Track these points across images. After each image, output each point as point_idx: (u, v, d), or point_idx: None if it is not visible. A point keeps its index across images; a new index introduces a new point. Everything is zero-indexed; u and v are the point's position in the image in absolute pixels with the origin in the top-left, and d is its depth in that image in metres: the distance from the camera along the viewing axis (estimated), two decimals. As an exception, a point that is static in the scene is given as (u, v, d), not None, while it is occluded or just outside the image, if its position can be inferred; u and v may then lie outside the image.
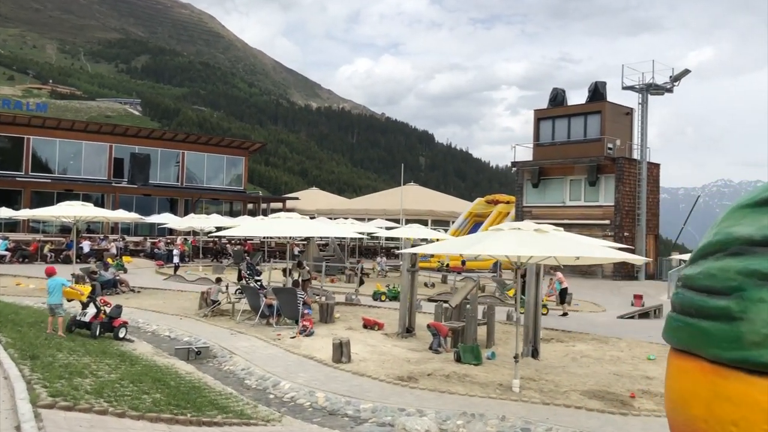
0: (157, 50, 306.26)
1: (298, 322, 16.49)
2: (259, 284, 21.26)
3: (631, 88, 38.11)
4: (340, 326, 17.41)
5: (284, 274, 21.21)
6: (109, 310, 14.03)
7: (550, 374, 13.14)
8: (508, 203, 44.87)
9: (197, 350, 13.34)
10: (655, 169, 39.65)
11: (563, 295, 23.18)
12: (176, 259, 31.01)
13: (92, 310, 13.58)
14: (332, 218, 44.70)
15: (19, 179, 44.38)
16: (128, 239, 41.73)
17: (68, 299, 14.11)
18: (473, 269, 38.21)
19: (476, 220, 46.04)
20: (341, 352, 13.36)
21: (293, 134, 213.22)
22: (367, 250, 48.60)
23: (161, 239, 41.01)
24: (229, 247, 41.25)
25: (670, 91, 38.13)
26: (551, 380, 12.59)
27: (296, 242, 42.83)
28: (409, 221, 47.22)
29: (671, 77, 38.03)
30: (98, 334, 13.19)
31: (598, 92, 38.71)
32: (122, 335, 13.79)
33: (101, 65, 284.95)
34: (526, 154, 41.68)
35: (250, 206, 55.40)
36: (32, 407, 6.48)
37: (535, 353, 14.99)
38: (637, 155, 38.47)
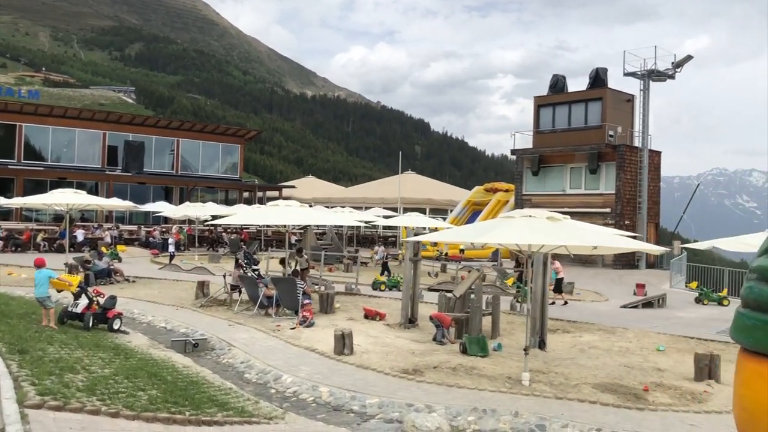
0: (150, 38, 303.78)
1: (297, 312, 16.04)
2: (256, 274, 20.78)
3: (632, 74, 37.60)
4: (340, 317, 16.97)
5: (281, 264, 20.75)
6: (102, 300, 13.51)
7: (559, 366, 12.73)
8: (507, 191, 44.42)
9: (194, 342, 12.86)
10: (656, 156, 39.22)
11: (559, 284, 22.80)
12: (171, 248, 30.49)
13: (84, 300, 13.01)
14: (329, 207, 44.26)
15: (11, 167, 43.72)
16: (123, 228, 41.14)
17: (58, 290, 13.54)
18: (472, 258, 37.81)
19: (475, 208, 45.61)
20: (343, 343, 12.93)
21: (288, 122, 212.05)
22: (364, 239, 48.14)
23: (156, 228, 40.46)
24: (225, 235, 40.73)
25: (672, 77, 37.64)
26: (561, 373, 12.18)
27: (293, 231, 42.40)
28: (407, 210, 46.73)
29: (673, 63, 37.53)
30: (91, 325, 12.67)
31: (599, 78, 38.21)
32: (117, 327, 13.27)
33: (95, 53, 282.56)
34: (525, 141, 41.22)
35: (245, 195, 54.83)
36: (18, 407, 6.01)
37: (542, 344, 14.58)
38: (638, 143, 38.02)
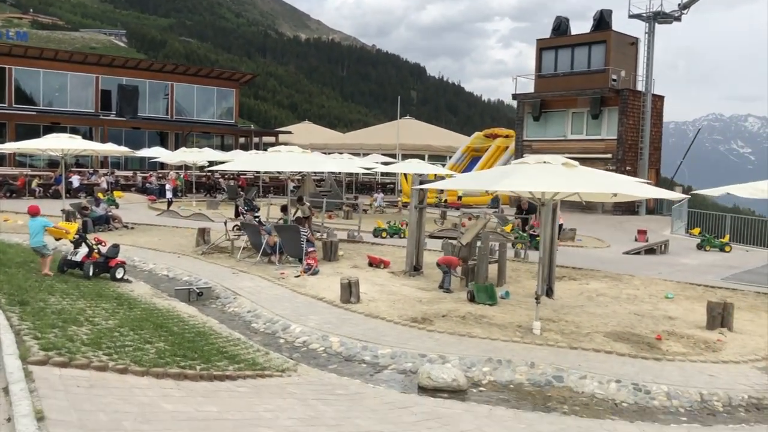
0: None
1: (301, 260, 15.76)
2: (257, 221, 20.44)
3: (637, 16, 36.69)
4: (344, 264, 16.72)
5: (283, 211, 20.39)
6: (104, 249, 13.05)
7: (569, 315, 12.55)
8: (507, 137, 43.87)
9: (199, 291, 12.58)
10: (659, 101, 38.60)
11: (558, 231, 22.55)
12: (169, 194, 30.04)
13: (83, 249, 12.49)
14: (327, 153, 43.63)
15: (2, 111, 42.78)
16: (118, 174, 40.63)
17: (56, 238, 13.07)
18: (471, 204, 37.50)
19: (474, 154, 45.11)
20: (350, 292, 12.70)
21: (282, 67, 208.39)
22: (362, 185, 47.70)
23: (152, 173, 39.92)
24: (222, 182, 40.23)
25: (678, 19, 36.72)
26: (571, 321, 12.00)
27: (291, 177, 41.85)
28: (405, 156, 46.16)
29: (680, 5, 36.56)
30: (92, 274, 12.28)
31: (603, 21, 37.26)
32: (120, 276, 12.81)
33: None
34: (526, 86, 40.51)
35: (242, 140, 54.09)
36: (22, 364, 5.71)
37: (549, 292, 14.38)
38: (641, 87, 37.35)
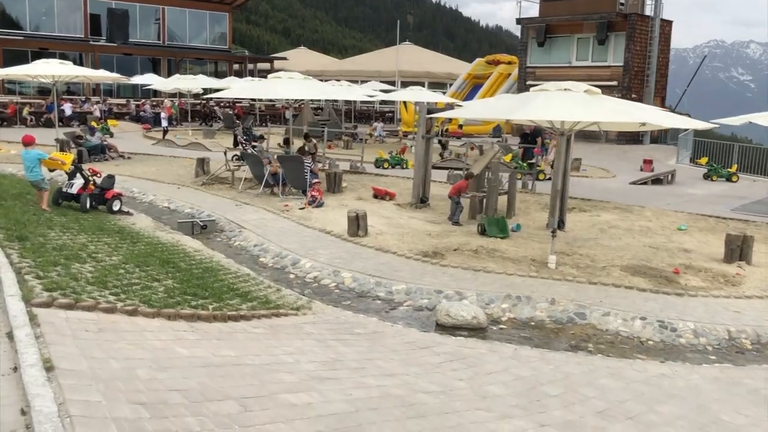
0: None
1: (305, 192, 15.33)
2: (256, 150, 19.89)
3: (648, -65, 35.14)
4: (349, 196, 16.30)
5: (285, 144, 19.82)
6: (99, 180, 12.48)
7: (582, 248, 12.25)
8: (509, 64, 42.73)
9: (203, 224, 12.16)
10: (667, 26, 37.40)
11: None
12: (164, 123, 29.25)
13: (79, 180, 11.91)
14: (324, 80, 42.54)
15: (-13, 36, 41.35)
16: (111, 101, 39.61)
17: (50, 170, 12.48)
18: (472, 134, 36.85)
19: (475, 81, 44.04)
20: (358, 225, 12.33)
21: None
22: (360, 114, 46.77)
23: (146, 101, 38.94)
24: (218, 110, 39.31)
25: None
26: (586, 254, 11.72)
27: (287, 105, 40.91)
28: (405, 84, 45.09)
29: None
30: (89, 207, 11.81)
31: (612, -60, 35.66)
32: (116, 208, 12.35)
33: None
34: (530, 10, 39.19)
35: (236, 67, 52.70)
36: (25, 306, 5.34)
37: (561, 224, 14.04)
38: (649, 11, 36.14)
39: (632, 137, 35.43)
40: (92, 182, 12.12)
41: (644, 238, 13.45)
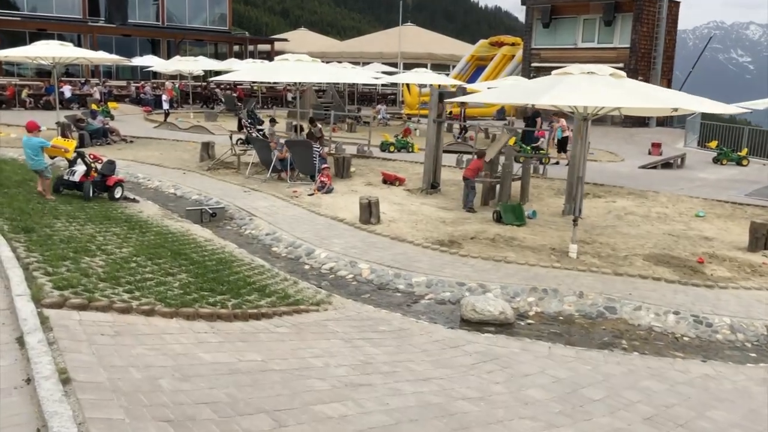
0: None
1: (314, 177, 14.95)
2: (261, 134, 19.46)
3: None
4: (357, 182, 15.94)
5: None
6: (99, 166, 11.90)
7: (601, 236, 11.92)
8: (513, 45, 42.17)
9: (212, 212, 11.78)
10: (674, 7, 36.84)
11: (563, 144, 21.74)
12: (166, 105, 28.71)
13: (81, 167, 11.35)
14: (326, 62, 41.96)
15: (-16, 17, 40.64)
16: (110, 84, 39.03)
17: (51, 157, 11.92)
18: (475, 116, 36.34)
19: (479, 63, 43.49)
20: (370, 212, 11.98)
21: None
22: (362, 96, 46.18)
23: (146, 83, 38.35)
24: (219, 92, 38.74)
25: None
26: (606, 243, 11.39)
27: (289, 88, 40.32)
28: (407, 65, 44.51)
29: None
30: (92, 195, 11.32)
31: None
32: (118, 195, 11.80)
33: None
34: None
35: (236, 48, 52.02)
36: (36, 307, 4.98)
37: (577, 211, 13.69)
38: (657, -8, 35.53)
39: (638, 120, 34.95)
40: (94, 169, 11.62)
41: (663, 225, 13.12)
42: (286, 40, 56.48)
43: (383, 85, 45.93)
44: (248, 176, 15.72)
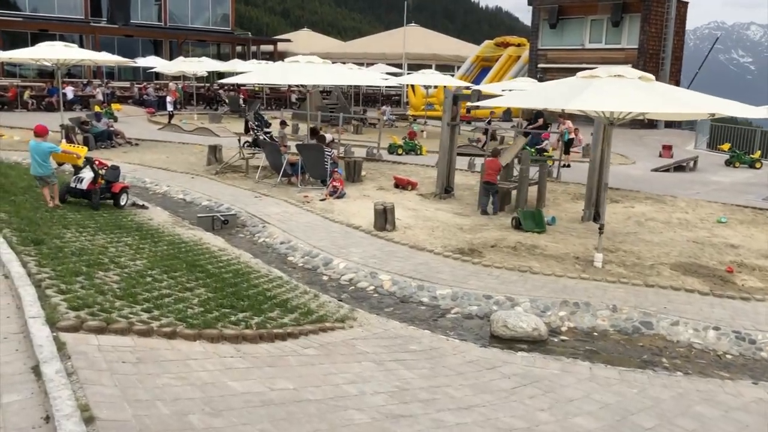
0: None
1: (325, 182, 14.59)
2: (268, 137, 19.08)
3: None
4: (369, 186, 15.58)
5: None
6: (104, 172, 11.26)
7: (624, 243, 11.57)
8: (519, 46, 41.84)
9: (224, 218, 11.42)
10: (683, 7, 36.54)
11: (568, 145, 21.41)
12: (170, 107, 28.33)
13: (88, 174, 10.73)
14: (331, 62, 41.54)
15: (-15, 17, 40.26)
16: (113, 85, 38.66)
17: (59, 163, 11.40)
18: (480, 118, 35.96)
19: (484, 64, 43.15)
20: (385, 219, 11.64)
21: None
22: (366, 97, 45.78)
23: (149, 84, 37.99)
24: (222, 93, 38.37)
25: None
26: (630, 251, 11.04)
27: (293, 89, 39.93)
28: (411, 66, 44.16)
29: None
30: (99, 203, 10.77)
31: None
32: (123, 203, 11.31)
33: None
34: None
35: (239, 49, 51.66)
36: (51, 331, 4.63)
37: (597, 217, 13.35)
38: (665, -8, 35.21)
39: (646, 122, 34.64)
40: (101, 176, 11.13)
41: (685, 231, 12.77)
42: (289, 40, 56.16)
43: (387, 86, 45.67)
44: (258, 181, 15.36)
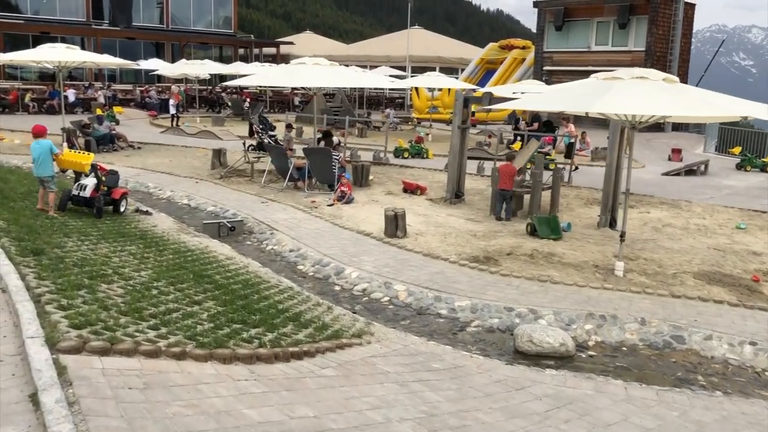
0: None
1: (332, 186, 14.22)
2: (273, 140, 18.71)
3: None
4: (377, 191, 15.21)
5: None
6: (104, 177, 10.66)
7: (644, 250, 11.19)
8: (523, 48, 41.51)
9: (230, 225, 11.05)
10: (690, 9, 36.12)
11: (571, 149, 21.05)
12: (173, 109, 27.94)
13: (91, 181, 10.25)
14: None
15: (-13, 20, 39.94)
16: (115, 87, 38.32)
17: (62, 169, 10.88)
18: (486, 121, 35.60)
19: (488, 67, 42.83)
20: (396, 225, 11.27)
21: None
22: (369, 100, 45.42)
23: (151, 87, 37.64)
24: (225, 96, 38.01)
25: None
26: (650, 258, 10.67)
27: (296, 92, 39.59)
28: (415, 69, 43.83)
29: None
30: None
31: None
32: (123, 209, 10.85)
33: None
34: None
35: (241, 51, 51.35)
36: (51, 353, 4.25)
37: (613, 223, 13.00)
38: (672, -6, 34.83)
39: (654, 124, 34.27)
40: (102, 183, 10.68)
41: (705, 238, 12.39)
42: (291, 43, 55.85)
43: (391, 89, 45.32)
44: (263, 185, 14.99)
